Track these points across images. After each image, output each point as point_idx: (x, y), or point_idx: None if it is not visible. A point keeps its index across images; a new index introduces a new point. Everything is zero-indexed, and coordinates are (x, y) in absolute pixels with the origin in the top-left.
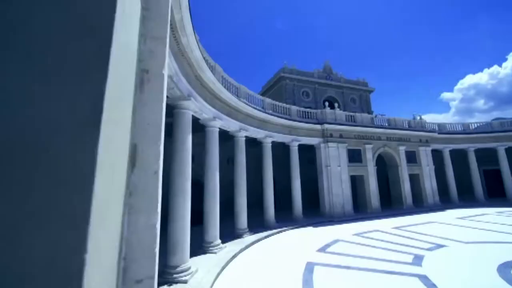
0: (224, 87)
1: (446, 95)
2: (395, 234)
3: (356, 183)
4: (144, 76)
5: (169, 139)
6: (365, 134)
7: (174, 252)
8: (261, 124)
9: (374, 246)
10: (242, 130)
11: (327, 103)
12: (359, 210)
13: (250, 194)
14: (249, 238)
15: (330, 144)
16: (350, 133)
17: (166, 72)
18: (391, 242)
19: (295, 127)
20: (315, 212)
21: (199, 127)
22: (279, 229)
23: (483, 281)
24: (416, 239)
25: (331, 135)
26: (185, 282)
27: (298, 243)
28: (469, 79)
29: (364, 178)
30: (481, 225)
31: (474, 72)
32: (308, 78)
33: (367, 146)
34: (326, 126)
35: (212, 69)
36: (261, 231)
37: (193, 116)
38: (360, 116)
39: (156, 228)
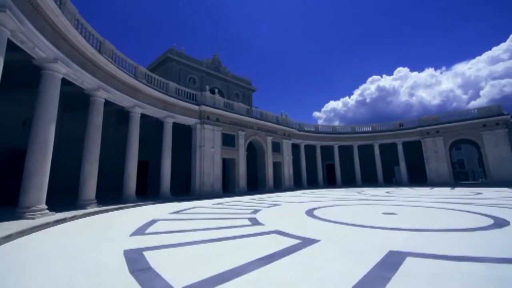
0: (81, 34)
1: (316, 113)
2: (249, 202)
3: (228, 165)
4: None
5: None
6: (239, 122)
7: None
8: (131, 91)
9: (226, 207)
10: (102, 90)
11: (207, 87)
12: (229, 190)
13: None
14: (94, 209)
15: (206, 126)
16: (227, 118)
17: None
18: (243, 206)
19: (171, 103)
20: (188, 194)
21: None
22: (136, 203)
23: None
24: (262, 203)
25: (208, 118)
26: None
27: (151, 211)
28: (331, 104)
29: (235, 161)
30: (308, 194)
31: (335, 99)
32: (196, 65)
33: (241, 132)
34: (204, 108)
35: (59, 2)
36: (115, 205)
37: (26, 54)
38: (237, 105)
39: None
